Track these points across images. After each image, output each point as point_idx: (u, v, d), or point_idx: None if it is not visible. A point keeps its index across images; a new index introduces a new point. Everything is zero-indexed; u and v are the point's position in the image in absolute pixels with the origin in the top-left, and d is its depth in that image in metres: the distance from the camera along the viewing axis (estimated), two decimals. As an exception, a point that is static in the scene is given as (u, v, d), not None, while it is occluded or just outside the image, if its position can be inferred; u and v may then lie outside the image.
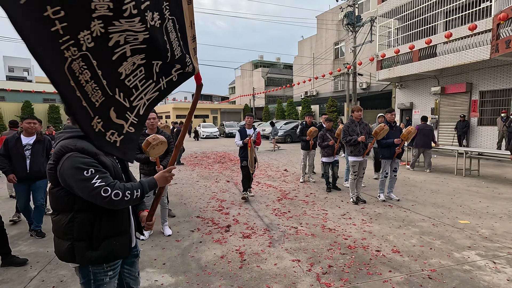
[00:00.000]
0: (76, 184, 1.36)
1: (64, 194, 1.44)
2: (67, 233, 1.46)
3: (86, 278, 1.53)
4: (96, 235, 1.47)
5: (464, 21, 11.20)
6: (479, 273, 2.85)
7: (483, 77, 11.24)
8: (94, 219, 1.46)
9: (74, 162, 1.36)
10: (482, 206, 5.01)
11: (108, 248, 1.50)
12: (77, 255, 1.46)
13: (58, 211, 1.49)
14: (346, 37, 20.73)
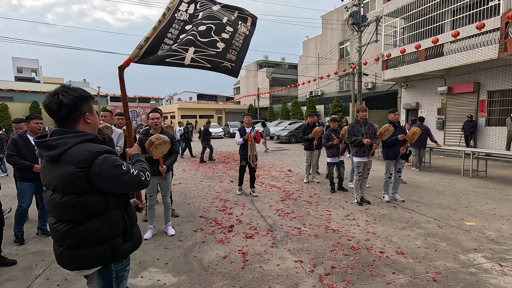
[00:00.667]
0: (120, 179, 1.41)
1: (96, 198, 1.42)
2: (104, 234, 1.45)
3: (108, 278, 1.53)
4: (129, 227, 1.55)
5: (471, 20, 11.03)
6: (485, 276, 2.80)
7: (491, 76, 11.07)
8: (123, 213, 1.53)
9: (111, 162, 1.41)
10: (489, 207, 4.93)
11: (136, 236, 1.61)
12: (116, 251, 1.49)
13: (87, 218, 1.42)
14: (351, 37, 20.59)
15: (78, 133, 1.45)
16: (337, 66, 23.51)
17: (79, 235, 1.42)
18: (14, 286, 2.76)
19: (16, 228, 3.69)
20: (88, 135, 1.46)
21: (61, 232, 1.43)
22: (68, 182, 1.37)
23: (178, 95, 56.79)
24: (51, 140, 1.40)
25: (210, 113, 37.72)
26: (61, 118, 1.44)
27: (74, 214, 1.41)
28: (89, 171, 1.37)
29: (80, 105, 1.47)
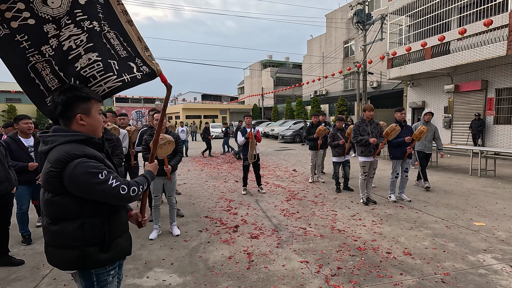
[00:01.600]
0: (92, 188, 1.35)
1: (70, 201, 1.38)
2: (76, 240, 1.41)
3: (88, 281, 1.50)
4: (108, 238, 1.46)
5: (478, 17, 10.86)
6: (495, 277, 2.75)
7: (500, 74, 10.88)
8: (103, 222, 1.45)
9: (86, 168, 1.35)
10: (498, 207, 4.84)
11: (118, 248, 1.52)
12: (88, 260, 1.42)
13: (61, 219, 1.41)
14: (356, 36, 20.45)
15: (69, 132, 1.44)
16: (342, 65, 23.37)
17: (53, 234, 1.43)
18: (22, 285, 2.79)
19: (21, 230, 3.72)
20: (78, 136, 1.44)
21: (44, 228, 1.46)
22: (45, 180, 1.38)
23: (183, 95, 57.04)
24: (45, 136, 1.44)
25: (215, 113, 37.81)
26: (57, 116, 1.48)
27: (51, 211, 1.41)
28: (62, 173, 1.35)
29: (73, 105, 1.46)
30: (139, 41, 1.90)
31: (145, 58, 1.88)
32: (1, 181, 3.05)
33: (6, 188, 3.09)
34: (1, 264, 3.13)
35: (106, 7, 1.80)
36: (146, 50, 1.92)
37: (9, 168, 3.24)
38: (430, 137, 6.19)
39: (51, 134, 1.44)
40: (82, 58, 1.68)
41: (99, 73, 1.70)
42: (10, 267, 3.10)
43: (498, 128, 11.11)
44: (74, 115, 1.46)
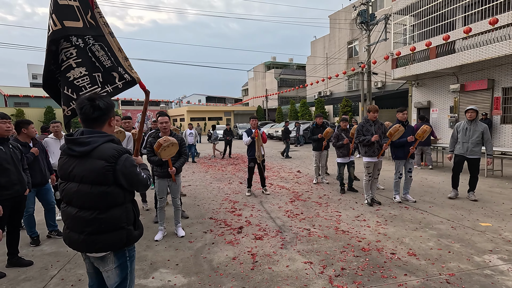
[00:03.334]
0: (134, 178, 1.70)
1: (119, 190, 1.68)
2: (123, 221, 1.71)
3: (123, 258, 1.78)
4: (136, 218, 1.81)
5: (484, 15, 10.76)
6: (501, 278, 2.72)
7: (506, 73, 10.75)
8: (132, 206, 1.80)
9: (132, 162, 1.70)
10: (505, 208, 4.78)
11: (141, 226, 1.86)
12: (130, 237, 1.74)
13: (111, 207, 1.68)
14: (359, 36, 20.39)
15: (104, 133, 1.73)
16: (346, 65, 23.30)
17: (102, 222, 1.66)
18: (30, 286, 2.84)
19: (29, 232, 3.79)
20: (111, 136, 1.74)
21: (85, 220, 1.65)
22: (99, 174, 1.62)
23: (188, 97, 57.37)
24: (83, 138, 1.66)
25: (219, 115, 37.94)
26: (92, 119, 1.71)
27: (100, 202, 1.65)
28: (115, 166, 1.63)
29: (110, 110, 1.77)
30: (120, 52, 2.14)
31: (126, 68, 2.14)
32: (13, 183, 3.08)
33: (18, 190, 3.13)
34: (11, 265, 3.20)
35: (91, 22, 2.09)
36: (126, 60, 2.18)
37: (24, 171, 3.28)
38: (475, 139, 5.10)
39: (90, 136, 1.67)
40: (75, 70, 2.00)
41: (88, 85, 2.04)
42: (19, 268, 3.17)
43: (505, 127, 10.97)
44: (109, 118, 1.77)
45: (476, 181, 5.22)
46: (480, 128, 5.12)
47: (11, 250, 3.23)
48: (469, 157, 5.21)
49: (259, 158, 5.96)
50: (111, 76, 2.10)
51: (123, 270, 1.78)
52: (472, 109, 5.20)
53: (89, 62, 2.02)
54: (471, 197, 5.16)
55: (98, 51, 2.06)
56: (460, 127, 5.32)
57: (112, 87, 2.10)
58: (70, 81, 2.00)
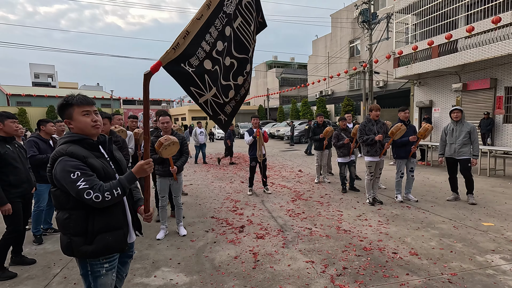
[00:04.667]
0: (66, 185, 1.52)
1: (60, 193, 1.58)
2: (66, 228, 1.59)
3: (84, 269, 1.67)
4: (90, 231, 1.58)
5: (486, 14, 10.71)
6: (504, 278, 2.71)
7: (509, 72, 10.70)
8: (87, 216, 1.57)
9: (64, 166, 1.52)
10: (508, 207, 4.77)
11: (102, 243, 1.60)
12: (74, 249, 1.59)
13: (58, 209, 1.64)
14: (361, 35, 20.32)
15: (70, 134, 1.66)
16: (348, 65, 23.24)
17: (57, 221, 1.64)
18: (33, 284, 2.86)
19: (34, 229, 3.81)
20: (72, 137, 1.64)
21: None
22: (47, 175, 1.62)
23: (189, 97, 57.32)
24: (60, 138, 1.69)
25: (220, 114, 37.88)
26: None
27: (54, 201, 1.64)
28: (52, 169, 1.58)
29: (60, 112, 1.69)
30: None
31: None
32: (22, 181, 3.10)
33: (26, 188, 3.15)
34: (14, 263, 3.21)
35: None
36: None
37: (29, 169, 3.30)
38: (462, 139, 4.96)
39: (63, 136, 1.68)
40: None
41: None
42: (22, 266, 3.18)
43: (507, 127, 10.92)
44: (64, 120, 1.69)
45: (471, 183, 5.05)
46: (466, 128, 4.98)
47: (15, 248, 3.25)
48: (457, 158, 5.07)
49: (261, 157, 5.97)
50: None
51: (85, 281, 1.68)
52: (457, 109, 5.11)
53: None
54: (469, 201, 5.02)
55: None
56: (447, 129, 5.20)
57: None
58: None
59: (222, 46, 2.07)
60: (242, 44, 2.24)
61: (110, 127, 3.75)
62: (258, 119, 6.13)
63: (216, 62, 2.05)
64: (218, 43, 2.02)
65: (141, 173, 1.64)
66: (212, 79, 2.05)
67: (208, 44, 1.94)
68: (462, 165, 5.07)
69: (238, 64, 2.24)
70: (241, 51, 2.25)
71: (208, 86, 2.05)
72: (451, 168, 5.24)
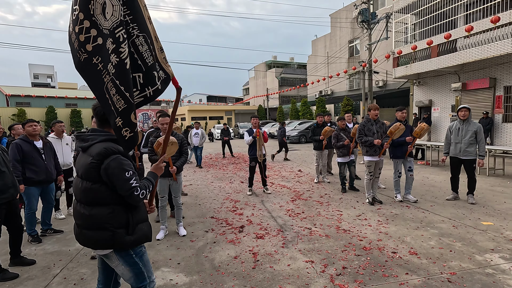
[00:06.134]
0: (118, 182, 1.65)
1: (104, 189, 1.68)
2: (108, 222, 1.69)
3: (128, 258, 1.79)
4: (131, 223, 1.75)
5: (485, 14, 10.72)
6: (503, 277, 2.72)
7: (508, 71, 10.71)
8: (127, 210, 1.74)
9: (119, 164, 1.66)
10: (507, 207, 4.77)
11: (141, 232, 1.80)
12: (117, 240, 1.70)
13: (96, 204, 1.69)
14: (360, 35, 20.34)
15: (106, 133, 1.76)
16: (347, 64, 23.25)
17: (88, 218, 1.69)
18: (33, 284, 2.86)
19: (29, 230, 3.82)
20: (111, 136, 1.75)
21: (79, 213, 1.73)
22: (86, 170, 1.68)
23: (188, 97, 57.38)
24: (85, 135, 1.77)
25: (220, 114, 37.95)
26: (103, 120, 1.77)
27: (86, 197, 1.70)
28: (100, 164, 1.65)
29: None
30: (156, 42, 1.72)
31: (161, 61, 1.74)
32: (8, 186, 3.04)
33: (12, 194, 3.11)
34: (14, 264, 3.21)
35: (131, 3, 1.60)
36: (161, 52, 1.76)
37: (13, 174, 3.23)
38: (468, 139, 4.86)
39: (91, 134, 1.76)
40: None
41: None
42: (22, 267, 3.18)
43: (506, 126, 10.93)
44: None
45: (474, 183, 5.01)
46: (473, 127, 4.87)
47: (13, 249, 3.25)
48: (462, 158, 4.97)
49: (260, 157, 5.97)
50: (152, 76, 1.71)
51: (133, 266, 1.81)
52: (465, 107, 4.97)
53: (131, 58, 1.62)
54: (469, 201, 4.99)
55: (142, 44, 1.65)
56: (452, 127, 5.11)
57: (152, 89, 1.72)
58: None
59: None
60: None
61: None
62: (258, 119, 6.14)
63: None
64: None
65: (158, 171, 1.92)
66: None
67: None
68: (469, 166, 4.99)
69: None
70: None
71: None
72: (454, 167, 5.17)
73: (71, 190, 5.02)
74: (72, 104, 36.03)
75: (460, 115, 5.03)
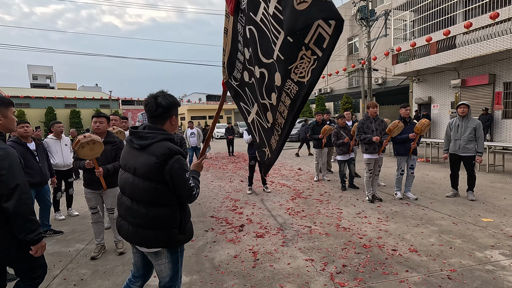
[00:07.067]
0: (179, 182, 1.66)
1: (166, 190, 1.69)
2: (166, 222, 1.71)
3: (174, 256, 1.82)
4: (183, 222, 1.79)
5: (484, 10, 10.68)
6: (503, 274, 2.72)
7: (507, 67, 10.69)
8: (181, 210, 1.78)
9: (182, 165, 1.67)
10: (507, 203, 4.77)
11: (188, 231, 1.86)
12: (172, 239, 1.74)
13: (160, 205, 1.70)
14: (359, 32, 20.29)
15: (164, 131, 1.76)
16: (346, 62, 23.21)
17: (148, 217, 1.70)
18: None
19: None
20: (170, 135, 1.77)
21: (136, 211, 1.72)
22: (149, 170, 1.65)
23: (188, 96, 57.35)
24: (144, 132, 1.72)
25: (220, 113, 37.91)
26: (155, 116, 1.74)
27: (148, 198, 1.69)
28: (165, 165, 1.64)
29: (172, 108, 1.78)
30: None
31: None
32: None
33: None
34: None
35: None
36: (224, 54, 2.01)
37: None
38: (468, 135, 4.87)
39: (150, 131, 1.72)
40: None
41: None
42: (22, 268, 3.18)
43: (506, 122, 10.93)
44: (170, 117, 1.79)
45: (474, 180, 5.02)
46: (472, 124, 4.87)
47: None
48: (462, 155, 4.97)
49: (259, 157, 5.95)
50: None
51: (175, 264, 1.85)
52: (464, 104, 4.97)
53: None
54: (469, 197, 5.00)
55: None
56: (452, 124, 5.11)
57: None
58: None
59: (249, 53, 1.71)
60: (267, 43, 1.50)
61: (108, 128, 3.70)
62: None
63: (251, 74, 1.76)
64: (245, 50, 1.74)
65: (199, 168, 2.01)
66: (253, 93, 1.82)
67: (242, 54, 1.83)
68: (468, 162, 4.99)
69: (268, 74, 1.58)
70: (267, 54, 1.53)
71: (250, 100, 1.87)
72: (454, 164, 5.18)
73: (71, 191, 5.02)
74: (71, 104, 35.97)
75: (459, 112, 5.03)
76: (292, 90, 1.43)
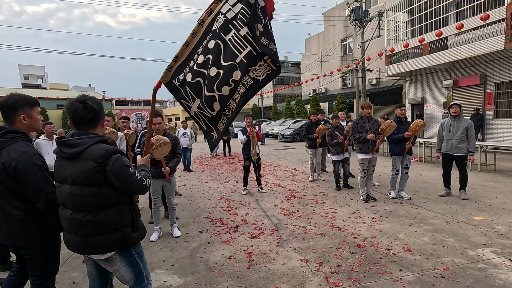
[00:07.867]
0: (125, 179, 1.65)
1: (109, 191, 1.65)
2: (117, 223, 1.68)
3: (131, 259, 1.78)
4: (135, 219, 1.77)
5: (476, 11, 10.85)
6: (495, 271, 2.75)
7: (498, 68, 10.88)
8: (129, 207, 1.76)
9: (122, 162, 1.66)
10: (498, 202, 4.84)
11: (142, 227, 1.84)
12: (126, 239, 1.70)
13: (104, 208, 1.65)
14: (353, 33, 20.44)
15: (95, 135, 1.71)
16: (340, 63, 23.35)
17: (95, 223, 1.64)
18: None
19: None
20: (102, 137, 1.72)
21: (79, 221, 1.65)
22: (88, 175, 1.60)
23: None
24: (73, 139, 1.65)
25: (214, 114, 37.76)
26: (87, 121, 1.70)
27: (92, 204, 1.63)
28: (105, 167, 1.62)
29: (102, 110, 1.78)
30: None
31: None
32: None
33: None
34: (3, 269, 3.14)
35: None
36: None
37: None
38: (460, 135, 4.93)
39: (80, 137, 1.66)
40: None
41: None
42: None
43: (497, 122, 11.11)
44: (101, 119, 1.78)
45: (466, 179, 5.07)
46: (464, 124, 4.93)
47: (2, 254, 3.18)
48: (454, 154, 5.02)
49: (254, 156, 5.96)
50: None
51: (134, 266, 1.80)
52: (456, 104, 5.01)
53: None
54: (461, 196, 5.05)
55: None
56: (444, 124, 5.16)
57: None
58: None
59: (204, 58, 2.15)
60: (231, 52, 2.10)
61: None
62: (251, 118, 6.14)
63: (198, 75, 2.18)
64: (200, 57, 2.17)
65: (147, 163, 2.03)
66: (194, 91, 2.21)
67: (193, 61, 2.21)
68: (460, 162, 5.04)
69: (223, 73, 2.12)
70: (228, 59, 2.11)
71: (191, 97, 2.24)
72: (446, 164, 5.23)
73: None
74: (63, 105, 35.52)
75: (451, 112, 5.08)
76: (248, 83, 2.13)
